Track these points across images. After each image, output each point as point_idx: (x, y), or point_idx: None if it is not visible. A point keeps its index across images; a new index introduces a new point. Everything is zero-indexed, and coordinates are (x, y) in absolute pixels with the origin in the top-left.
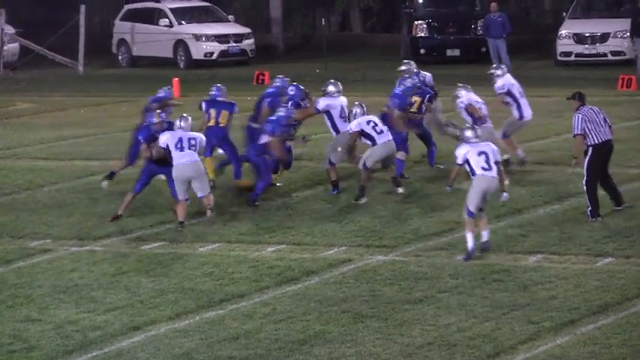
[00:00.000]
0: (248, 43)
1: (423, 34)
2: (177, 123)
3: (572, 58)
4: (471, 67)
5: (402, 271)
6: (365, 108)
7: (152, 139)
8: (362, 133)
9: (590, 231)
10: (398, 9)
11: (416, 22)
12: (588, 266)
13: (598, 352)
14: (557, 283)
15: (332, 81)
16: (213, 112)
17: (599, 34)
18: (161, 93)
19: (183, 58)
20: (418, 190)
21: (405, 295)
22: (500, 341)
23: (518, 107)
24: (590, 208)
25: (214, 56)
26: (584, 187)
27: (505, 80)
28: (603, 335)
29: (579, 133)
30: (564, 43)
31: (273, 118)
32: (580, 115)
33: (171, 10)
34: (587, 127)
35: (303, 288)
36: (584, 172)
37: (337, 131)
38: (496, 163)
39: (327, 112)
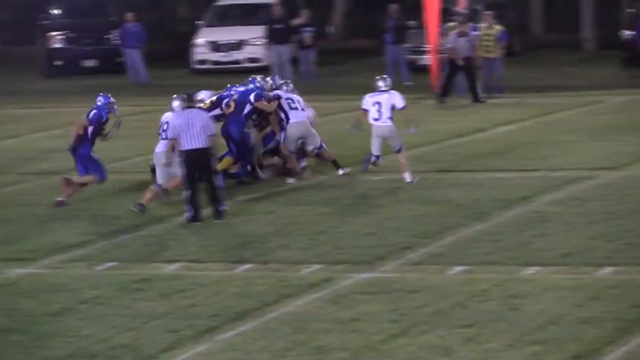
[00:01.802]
0: None
1: (58, 45)
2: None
3: (208, 66)
4: (108, 78)
5: (41, 284)
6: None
7: None
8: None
9: (228, 237)
10: (35, 21)
11: (51, 33)
12: (227, 273)
13: (238, 358)
14: (197, 291)
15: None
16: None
17: (234, 41)
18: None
19: None
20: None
21: (45, 307)
22: (141, 350)
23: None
24: (188, 214)
25: None
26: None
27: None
28: (243, 341)
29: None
30: (200, 52)
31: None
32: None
33: None
34: (182, 130)
35: None
36: None
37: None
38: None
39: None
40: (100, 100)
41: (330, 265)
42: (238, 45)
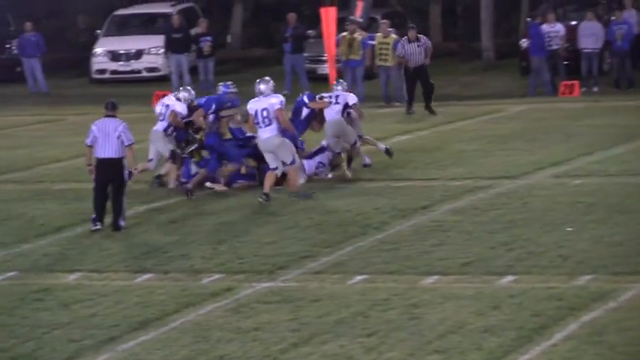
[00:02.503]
0: None
1: None
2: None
3: (108, 75)
4: (7, 87)
5: None
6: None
7: None
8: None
9: (129, 247)
10: None
11: None
12: (128, 283)
13: None
14: (98, 301)
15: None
16: None
17: (133, 51)
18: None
19: None
20: None
21: None
22: None
23: None
24: (94, 216)
25: None
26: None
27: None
28: (144, 351)
29: (88, 144)
30: (99, 61)
31: None
32: (94, 127)
33: None
34: (97, 138)
35: None
36: None
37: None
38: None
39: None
40: (219, 89)
41: (231, 274)
42: (137, 54)
